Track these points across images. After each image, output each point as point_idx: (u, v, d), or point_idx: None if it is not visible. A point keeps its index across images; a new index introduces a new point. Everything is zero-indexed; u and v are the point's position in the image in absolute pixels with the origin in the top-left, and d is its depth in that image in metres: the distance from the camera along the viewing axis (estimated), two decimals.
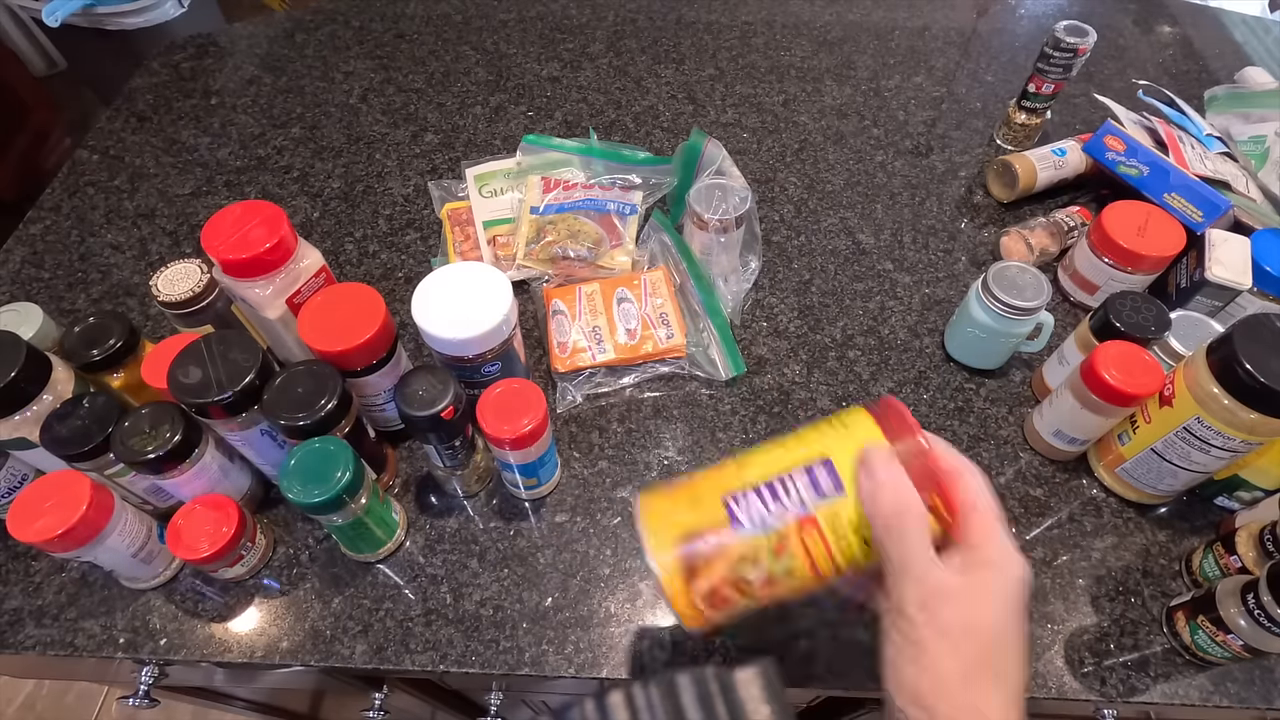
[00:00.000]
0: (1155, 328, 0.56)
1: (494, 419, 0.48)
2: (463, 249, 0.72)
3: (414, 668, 0.51)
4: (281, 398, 0.47)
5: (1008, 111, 0.84)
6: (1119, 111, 0.75)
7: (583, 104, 0.91)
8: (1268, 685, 0.50)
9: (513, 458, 0.51)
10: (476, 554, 0.55)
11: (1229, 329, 0.47)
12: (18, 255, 0.75)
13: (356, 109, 0.90)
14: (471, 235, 0.73)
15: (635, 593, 0.54)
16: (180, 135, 0.87)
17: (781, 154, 0.85)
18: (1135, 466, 0.55)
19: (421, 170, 0.83)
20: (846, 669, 0.51)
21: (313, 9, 1.04)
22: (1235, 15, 1.08)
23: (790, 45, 0.99)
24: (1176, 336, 0.57)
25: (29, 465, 0.53)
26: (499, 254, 0.71)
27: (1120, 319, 0.56)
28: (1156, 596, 0.54)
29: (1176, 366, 0.52)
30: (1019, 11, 1.07)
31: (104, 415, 0.48)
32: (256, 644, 0.52)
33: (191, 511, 0.50)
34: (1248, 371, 0.45)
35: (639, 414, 0.63)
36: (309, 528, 0.57)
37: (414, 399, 0.47)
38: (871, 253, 0.75)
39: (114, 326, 0.52)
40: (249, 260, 0.49)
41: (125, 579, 0.53)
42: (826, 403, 0.64)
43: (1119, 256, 0.64)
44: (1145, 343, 0.55)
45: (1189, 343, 0.57)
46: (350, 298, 0.50)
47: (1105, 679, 0.51)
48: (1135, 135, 0.70)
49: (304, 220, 0.78)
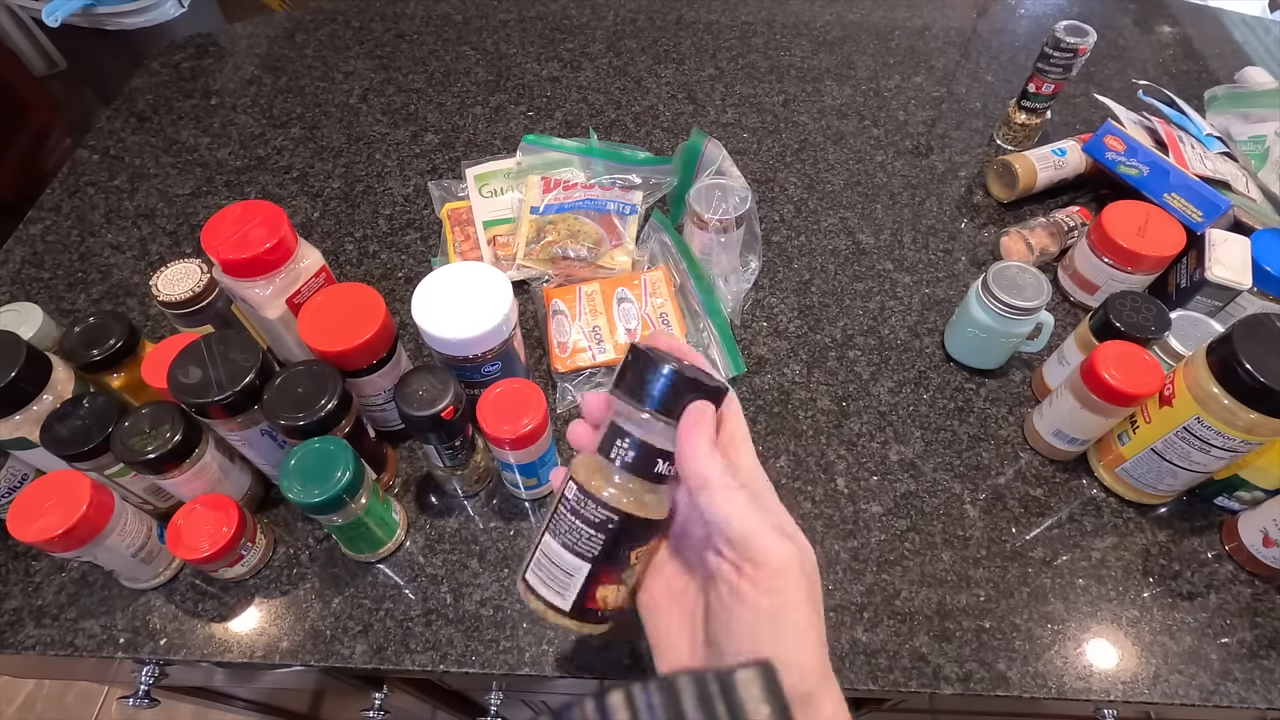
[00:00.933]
0: (1155, 328, 0.56)
1: (494, 419, 0.48)
2: (463, 249, 0.72)
3: (414, 668, 0.51)
4: (281, 398, 0.47)
5: (1008, 111, 0.84)
6: (1119, 111, 0.75)
7: (583, 104, 0.91)
8: (1268, 685, 0.50)
9: (513, 458, 0.51)
10: (476, 554, 0.55)
11: (1229, 329, 0.47)
12: (18, 255, 0.75)
13: (356, 109, 0.90)
14: (471, 235, 0.73)
15: None
16: (180, 135, 0.87)
17: (781, 154, 0.85)
18: (1135, 466, 0.55)
19: (421, 170, 0.83)
20: (846, 669, 0.51)
21: (313, 9, 1.04)
22: (1235, 15, 1.08)
23: (790, 45, 1.00)
24: (1176, 336, 0.57)
25: (29, 465, 0.53)
26: (499, 254, 0.71)
27: (1120, 319, 0.56)
28: (1157, 597, 0.54)
29: (1176, 366, 0.52)
30: (1019, 11, 1.07)
31: (104, 415, 0.48)
32: (256, 644, 0.52)
33: (191, 511, 0.50)
34: (1248, 371, 0.45)
35: None
36: (309, 528, 0.57)
37: (414, 399, 0.47)
38: (871, 253, 0.75)
39: (114, 326, 0.52)
40: (249, 260, 0.49)
41: (125, 579, 0.53)
42: (826, 402, 0.64)
43: (1119, 256, 0.64)
44: (1145, 343, 0.56)
45: (1189, 343, 0.57)
46: (350, 298, 0.50)
47: (1105, 678, 0.51)
48: (1135, 135, 0.71)
49: (304, 220, 0.78)
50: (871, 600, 0.53)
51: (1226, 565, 0.56)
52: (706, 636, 0.33)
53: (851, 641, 0.52)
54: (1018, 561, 0.55)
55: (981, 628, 0.52)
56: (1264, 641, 0.52)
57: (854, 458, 0.61)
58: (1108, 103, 0.76)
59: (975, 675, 0.50)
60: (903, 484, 0.59)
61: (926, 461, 0.60)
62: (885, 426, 0.62)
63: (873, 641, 0.52)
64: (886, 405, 0.64)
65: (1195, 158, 0.69)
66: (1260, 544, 0.52)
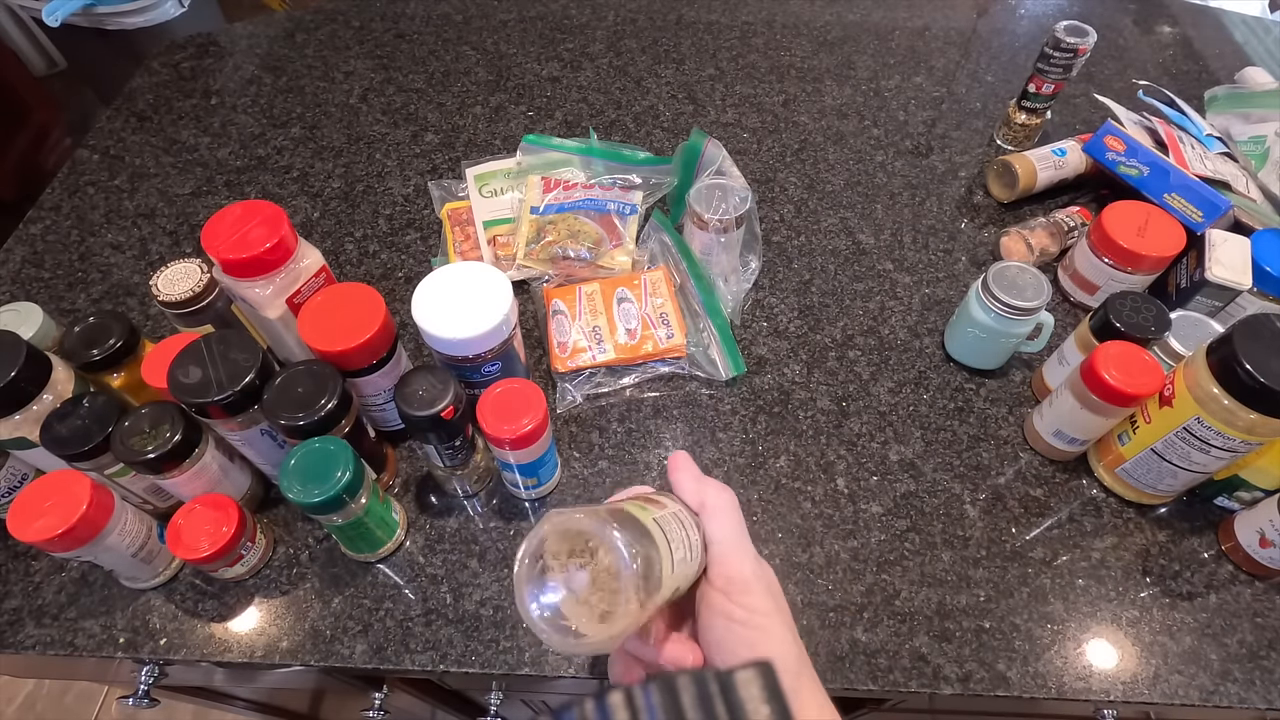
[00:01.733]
0: (1155, 328, 0.56)
1: (494, 419, 0.48)
2: (463, 249, 0.72)
3: (414, 668, 0.51)
4: (281, 398, 0.47)
5: (1007, 111, 0.84)
6: (1119, 111, 0.75)
7: (583, 104, 0.91)
8: (1268, 685, 0.50)
9: (513, 458, 0.51)
10: (476, 554, 0.55)
11: (1229, 329, 0.47)
12: (18, 255, 0.75)
13: (356, 109, 0.90)
14: (471, 235, 0.73)
15: None
16: (180, 135, 0.87)
17: (781, 154, 0.85)
18: (1135, 467, 0.55)
19: (421, 170, 0.83)
20: (846, 669, 0.51)
21: (313, 9, 1.04)
22: (1235, 15, 1.08)
23: (790, 45, 1.00)
24: (1176, 336, 0.57)
25: (29, 465, 0.53)
26: (499, 254, 0.71)
27: (1120, 319, 0.56)
28: (1157, 597, 0.54)
29: (1176, 366, 0.52)
30: (1019, 11, 1.07)
31: (104, 415, 0.48)
32: (256, 644, 0.52)
33: (191, 511, 0.50)
34: (1248, 372, 0.45)
35: (639, 414, 0.63)
36: (309, 528, 0.57)
37: (414, 399, 0.47)
38: (871, 253, 0.75)
39: (114, 326, 0.52)
40: (249, 260, 0.49)
41: (125, 579, 0.53)
42: (826, 402, 0.64)
43: (1119, 257, 0.64)
44: (1145, 343, 0.56)
45: (1189, 343, 0.57)
46: (350, 298, 0.50)
47: (1105, 678, 0.51)
48: (1135, 135, 0.71)
49: (304, 220, 0.78)
50: (871, 600, 0.53)
51: (1226, 565, 0.56)
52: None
53: (851, 641, 0.52)
54: (1017, 561, 0.55)
55: (981, 628, 0.52)
56: (1264, 641, 0.52)
57: (854, 458, 0.61)
58: (1107, 103, 0.76)
59: (975, 675, 0.50)
60: (903, 484, 0.59)
61: (926, 461, 0.60)
62: (885, 426, 0.62)
63: (873, 641, 0.52)
64: (886, 405, 0.64)
65: (1195, 158, 0.69)
66: (1257, 544, 0.52)
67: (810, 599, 0.53)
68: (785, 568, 0.55)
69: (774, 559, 0.55)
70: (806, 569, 0.55)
